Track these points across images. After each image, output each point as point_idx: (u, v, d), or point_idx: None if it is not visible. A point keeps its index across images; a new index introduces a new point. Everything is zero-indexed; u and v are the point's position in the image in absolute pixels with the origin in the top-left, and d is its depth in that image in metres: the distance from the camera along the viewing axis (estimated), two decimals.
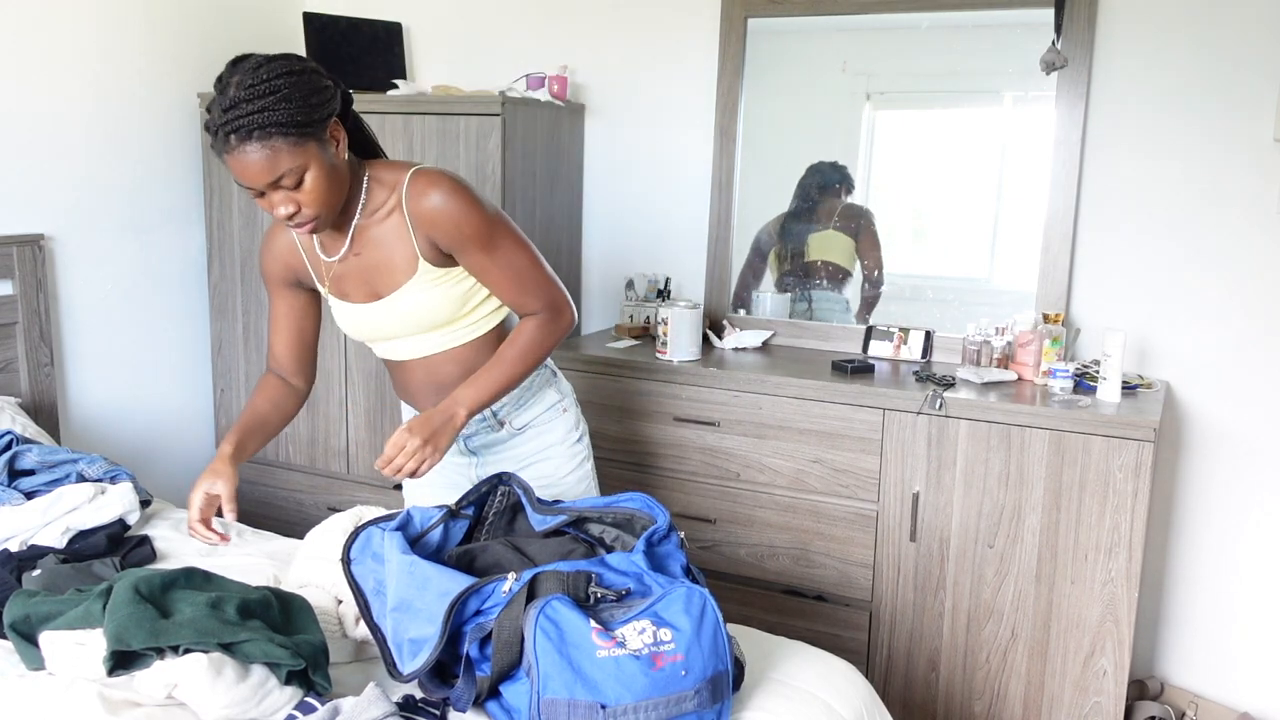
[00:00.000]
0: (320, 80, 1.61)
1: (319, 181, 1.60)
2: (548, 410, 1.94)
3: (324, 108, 1.59)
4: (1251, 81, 2.49)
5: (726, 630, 1.52)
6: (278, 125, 1.53)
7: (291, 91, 1.55)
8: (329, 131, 1.62)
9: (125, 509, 2.16)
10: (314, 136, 1.58)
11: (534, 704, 1.39)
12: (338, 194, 1.65)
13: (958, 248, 2.90)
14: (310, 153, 1.58)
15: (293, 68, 1.58)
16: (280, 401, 1.90)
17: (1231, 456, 2.63)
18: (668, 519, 1.66)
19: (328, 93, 1.61)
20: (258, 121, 1.53)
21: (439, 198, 1.69)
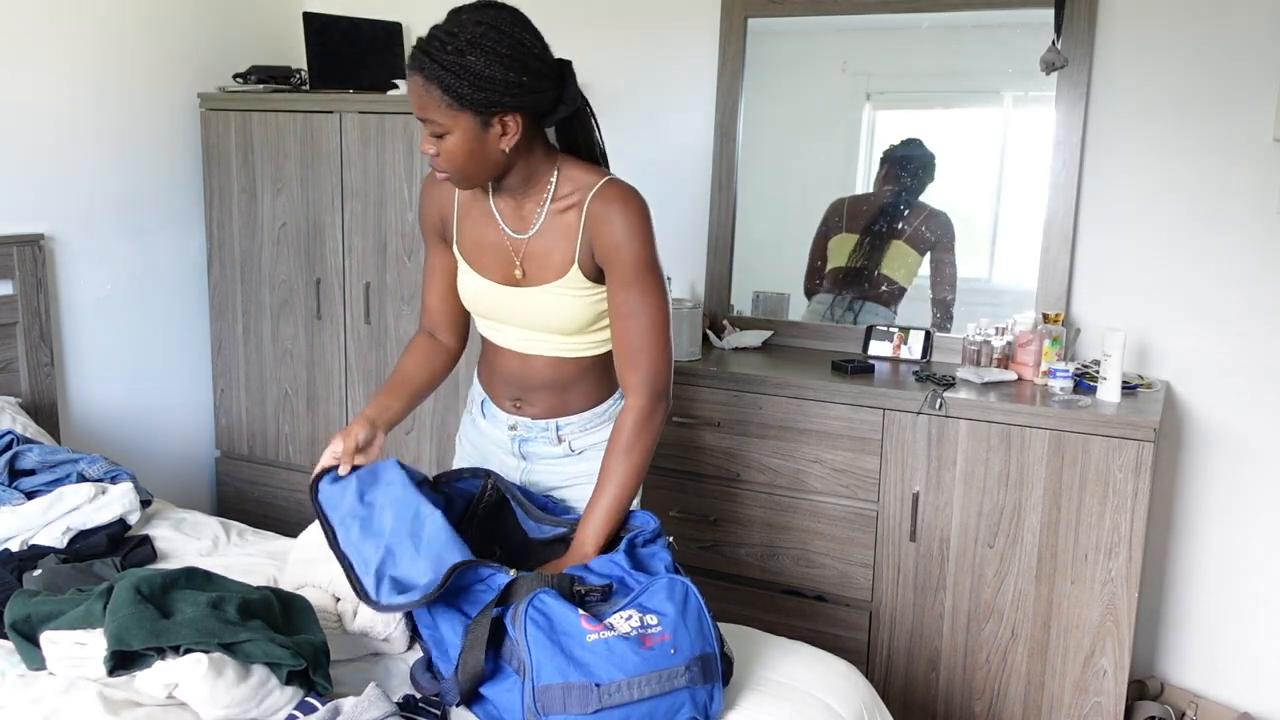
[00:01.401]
0: (514, 76, 1.58)
1: (458, 148, 1.61)
2: (602, 441, 1.84)
3: (495, 97, 1.58)
4: (1251, 81, 2.49)
5: (711, 618, 1.53)
6: (441, 82, 1.56)
7: (474, 65, 1.55)
8: (494, 118, 1.60)
9: (126, 509, 2.16)
10: (470, 110, 1.58)
11: (529, 694, 1.40)
12: (476, 168, 1.65)
13: (958, 248, 2.90)
14: (460, 122, 1.59)
15: (496, 47, 1.56)
16: (427, 360, 1.89)
17: (1231, 456, 2.63)
18: (656, 524, 1.68)
19: (511, 89, 1.58)
20: (430, 67, 1.56)
21: (621, 210, 1.67)
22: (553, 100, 1.66)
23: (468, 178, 1.67)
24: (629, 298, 1.69)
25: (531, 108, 1.63)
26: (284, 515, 3.25)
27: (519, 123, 1.62)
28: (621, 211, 1.67)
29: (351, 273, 3.04)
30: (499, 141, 1.62)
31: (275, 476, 3.29)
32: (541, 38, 1.65)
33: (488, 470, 1.80)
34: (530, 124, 1.65)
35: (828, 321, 2.98)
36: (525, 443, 1.87)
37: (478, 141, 1.61)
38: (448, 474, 1.78)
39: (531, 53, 1.61)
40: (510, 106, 1.59)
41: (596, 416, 1.85)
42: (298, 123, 3.04)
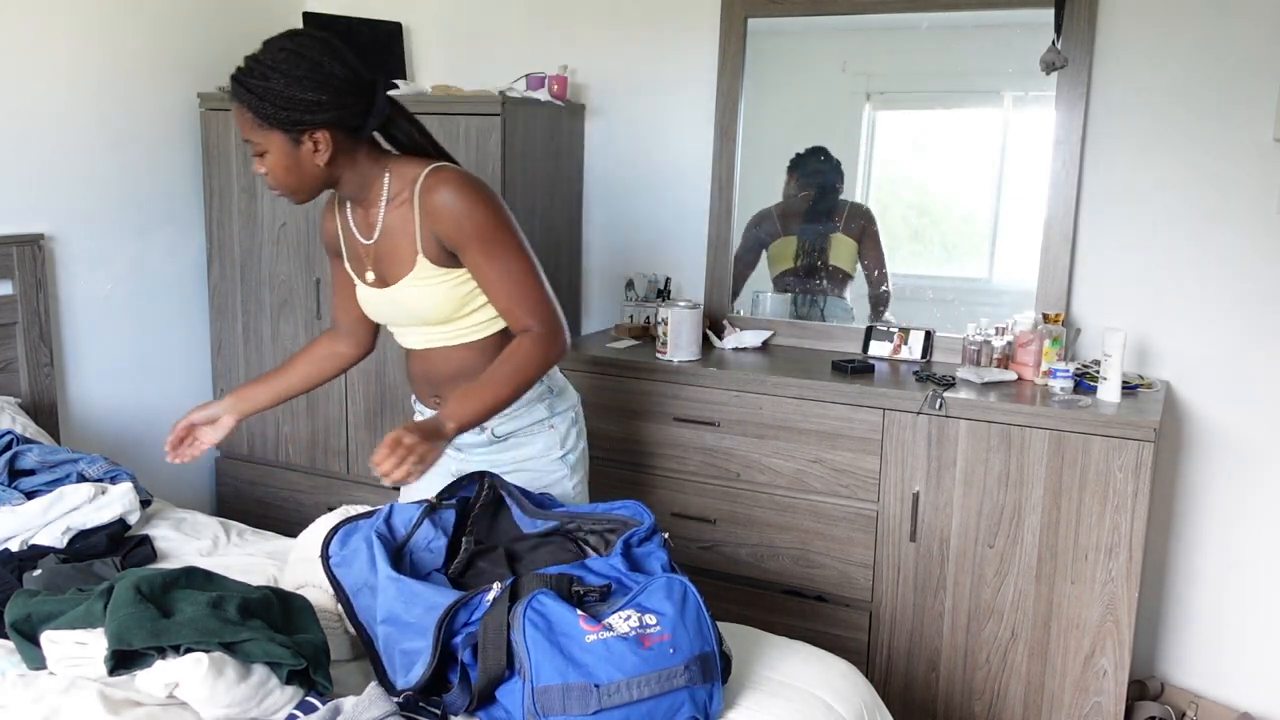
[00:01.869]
0: (314, 96, 1.70)
1: (276, 165, 1.76)
2: (533, 424, 1.95)
3: (298, 116, 1.71)
4: (1251, 81, 2.49)
5: (710, 617, 1.53)
6: (249, 105, 1.72)
7: (276, 87, 1.69)
8: (303, 135, 1.73)
9: (126, 509, 2.16)
10: (278, 129, 1.72)
11: (528, 696, 1.40)
12: (299, 183, 1.79)
13: (958, 248, 2.90)
14: (273, 141, 1.74)
15: (295, 70, 1.70)
16: (314, 361, 2.08)
17: (1231, 456, 2.63)
18: (652, 521, 1.68)
19: (313, 108, 1.71)
20: (239, 92, 1.73)
21: (447, 193, 1.77)
22: (361, 115, 1.77)
23: (295, 191, 1.81)
24: (489, 270, 1.79)
25: (337, 124, 1.75)
26: (284, 515, 3.25)
27: (328, 138, 1.74)
28: (448, 193, 1.77)
29: None
30: (313, 157, 1.75)
31: (275, 476, 3.29)
32: (347, 60, 1.75)
33: (484, 471, 1.81)
34: (343, 138, 1.77)
35: (818, 320, 2.98)
36: None
37: (292, 158, 1.75)
38: (449, 487, 1.79)
39: (332, 74, 1.72)
40: (315, 124, 1.72)
41: (519, 401, 1.90)
42: None
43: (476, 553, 1.71)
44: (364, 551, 1.67)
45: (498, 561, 1.68)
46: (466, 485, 1.81)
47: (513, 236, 1.80)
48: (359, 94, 1.76)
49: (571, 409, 2.02)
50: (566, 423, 2.00)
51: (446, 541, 1.72)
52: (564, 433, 1.99)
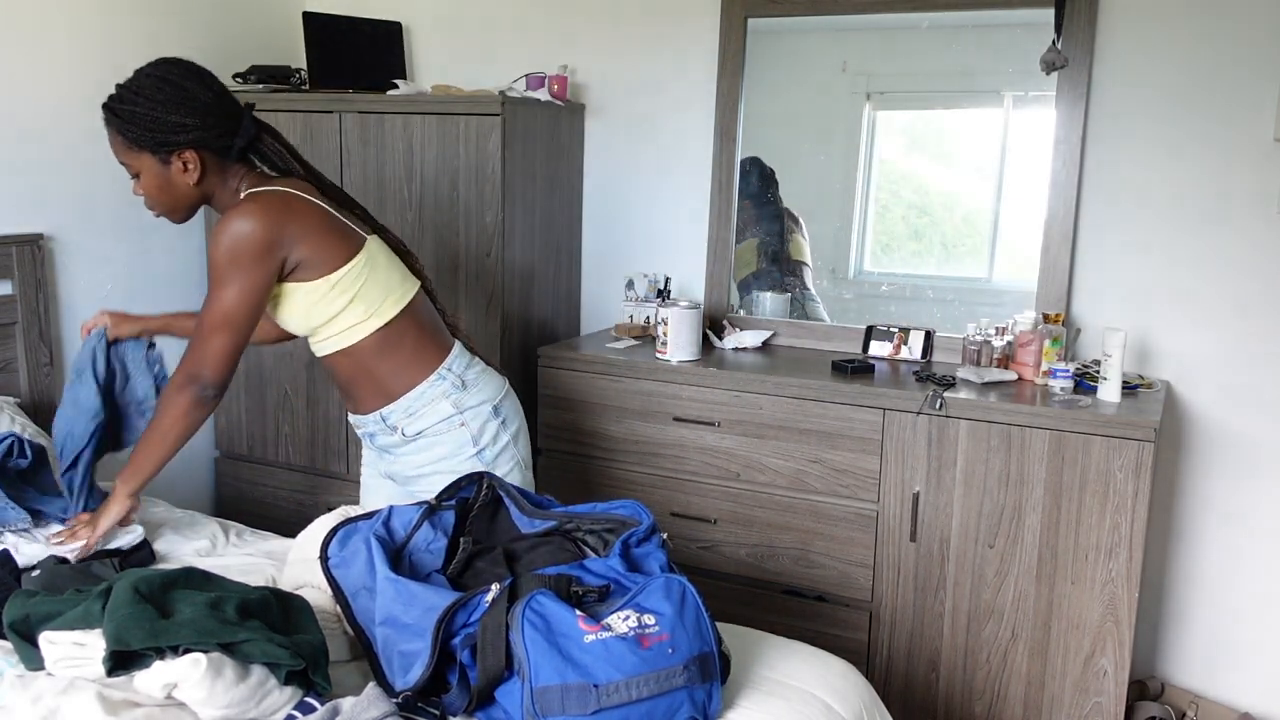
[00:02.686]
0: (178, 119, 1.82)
1: (150, 185, 1.89)
2: (441, 422, 1.97)
3: (163, 137, 1.82)
4: (1251, 81, 2.49)
5: (709, 617, 1.53)
6: (118, 128, 1.85)
7: (142, 111, 1.82)
8: (172, 155, 1.84)
9: (133, 540, 2.17)
10: (147, 150, 1.84)
11: (527, 696, 1.40)
12: (173, 201, 1.91)
13: (958, 248, 2.90)
14: (144, 162, 1.86)
15: (157, 95, 1.82)
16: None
17: (1232, 456, 2.63)
18: (650, 521, 1.68)
19: (177, 130, 1.82)
20: (109, 117, 1.87)
21: (221, 223, 1.85)
22: (227, 136, 1.88)
23: (171, 210, 1.93)
24: (210, 288, 1.87)
25: (203, 144, 1.86)
26: (283, 515, 3.25)
27: (196, 158, 1.86)
28: (221, 222, 1.85)
29: None
30: (182, 176, 1.87)
31: (275, 477, 3.28)
32: (213, 85, 1.88)
33: (483, 472, 1.81)
34: (211, 158, 1.88)
35: (817, 320, 2.98)
36: (371, 436, 2.04)
37: (163, 178, 1.87)
38: (449, 488, 1.79)
39: (197, 99, 1.84)
40: (182, 144, 1.84)
41: (416, 399, 1.96)
42: (297, 123, 3.04)
43: (475, 553, 1.71)
44: (363, 553, 1.67)
45: (496, 562, 1.68)
46: (466, 486, 1.81)
47: (231, 278, 1.83)
48: (224, 116, 1.87)
49: (487, 403, 2.01)
50: (481, 418, 2.00)
51: (447, 542, 1.72)
52: (477, 429, 1.99)
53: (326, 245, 1.88)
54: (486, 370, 2.06)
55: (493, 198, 2.82)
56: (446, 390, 1.97)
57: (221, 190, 1.93)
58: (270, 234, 1.83)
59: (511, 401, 2.09)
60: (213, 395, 1.87)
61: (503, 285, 2.88)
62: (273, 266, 1.85)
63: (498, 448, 2.01)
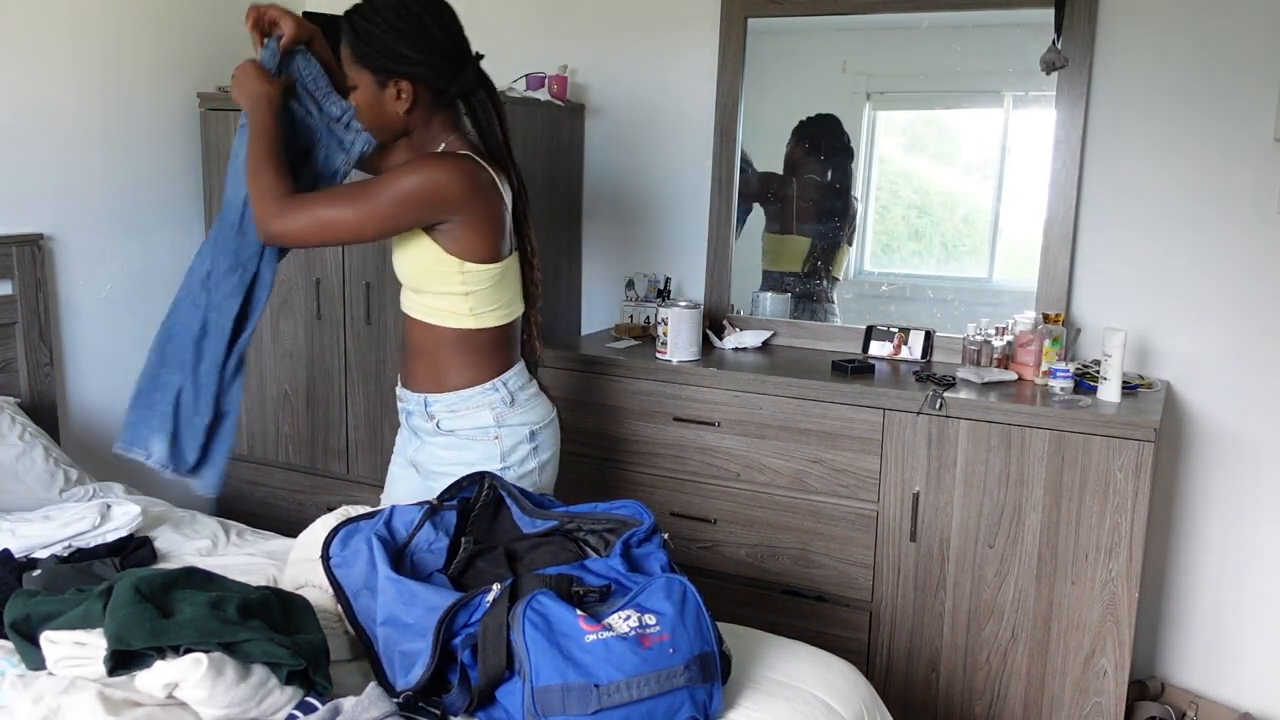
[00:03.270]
0: (406, 49, 1.83)
1: (361, 101, 1.89)
2: (476, 429, 1.95)
3: (386, 63, 1.84)
4: (1251, 81, 2.49)
5: (710, 617, 1.53)
6: (350, 40, 1.86)
7: (376, 32, 1.83)
8: (390, 82, 1.85)
9: (133, 530, 2.18)
10: (369, 69, 1.85)
11: (528, 696, 1.40)
12: (376, 122, 1.90)
13: (958, 248, 2.90)
14: (363, 78, 1.87)
15: (397, 23, 1.83)
16: None
17: (1231, 456, 2.63)
18: (651, 521, 1.68)
19: (402, 60, 1.84)
20: (346, 29, 1.87)
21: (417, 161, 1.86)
22: (446, 80, 1.89)
23: (378, 131, 1.93)
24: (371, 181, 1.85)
25: (422, 80, 1.86)
26: (284, 515, 3.25)
27: (411, 91, 1.86)
28: (422, 160, 1.86)
29: (351, 273, 3.04)
30: (394, 104, 1.87)
31: (275, 476, 3.28)
32: (449, 26, 1.89)
33: (484, 472, 1.81)
34: (426, 95, 1.88)
35: (820, 321, 2.98)
36: (409, 414, 2.03)
37: (376, 99, 1.88)
38: (450, 488, 1.79)
39: (430, 35, 1.85)
40: (401, 74, 1.85)
41: (464, 399, 1.94)
42: None
43: (476, 552, 1.71)
44: (364, 553, 1.67)
45: (497, 561, 1.68)
46: (467, 486, 1.81)
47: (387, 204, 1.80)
48: (451, 60, 1.88)
49: (527, 426, 1.98)
50: (516, 438, 1.97)
51: (448, 542, 1.72)
52: (509, 447, 1.96)
53: (485, 239, 1.89)
54: (539, 395, 2.04)
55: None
56: (494, 402, 1.95)
57: (424, 130, 1.93)
58: (453, 196, 1.83)
59: (551, 432, 2.05)
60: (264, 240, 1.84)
61: None
62: (427, 220, 1.85)
63: (522, 471, 1.98)
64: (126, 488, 2.56)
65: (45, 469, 2.46)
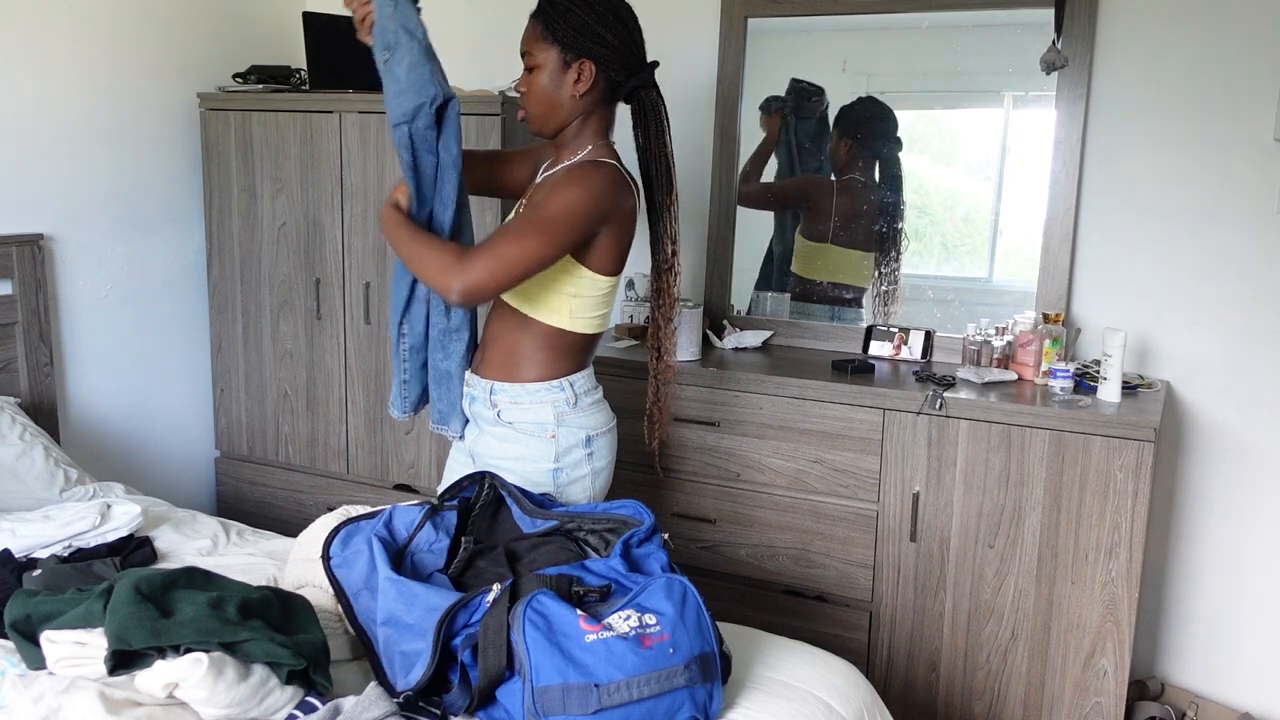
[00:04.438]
0: (601, 30, 1.86)
1: (537, 81, 1.90)
2: (534, 424, 1.94)
3: (578, 40, 1.86)
4: (1251, 81, 2.49)
5: (710, 617, 1.53)
6: (544, 16, 1.89)
7: (574, 10, 1.86)
8: (577, 61, 1.87)
9: (133, 530, 2.18)
10: (558, 45, 1.87)
11: (528, 696, 1.40)
12: (548, 106, 1.91)
13: (958, 248, 2.90)
14: (548, 55, 1.88)
15: (598, 6, 1.87)
16: None
17: (1232, 456, 2.63)
18: (652, 521, 1.68)
19: (594, 39, 1.86)
20: (544, 6, 1.89)
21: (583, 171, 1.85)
22: (626, 70, 1.90)
23: (541, 116, 1.92)
24: (522, 216, 1.84)
25: (605, 63, 1.87)
26: (284, 515, 3.25)
27: (593, 74, 1.87)
28: (577, 173, 1.85)
29: (351, 273, 3.04)
30: (574, 86, 1.88)
31: (275, 477, 3.28)
32: (638, 26, 1.92)
33: (485, 472, 1.81)
34: (602, 83, 1.89)
35: (823, 321, 2.98)
36: (473, 401, 2.00)
37: (557, 79, 1.88)
38: (450, 488, 1.80)
39: (623, 22, 1.89)
40: (589, 53, 1.86)
41: (530, 393, 1.93)
42: (297, 123, 3.04)
43: (476, 552, 1.71)
44: (365, 553, 1.67)
45: (497, 561, 1.68)
46: (467, 486, 1.81)
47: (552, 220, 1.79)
48: (633, 55, 1.91)
49: (584, 430, 1.97)
50: (572, 440, 1.95)
51: (449, 542, 1.72)
52: (564, 448, 1.95)
53: (615, 252, 1.91)
54: (602, 402, 2.04)
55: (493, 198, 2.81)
56: (557, 400, 1.94)
57: (581, 124, 1.93)
58: (610, 206, 1.85)
59: (608, 440, 2.04)
60: (459, 304, 1.83)
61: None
62: (594, 231, 1.85)
63: (575, 474, 1.96)
64: (126, 488, 2.56)
65: (45, 469, 2.46)
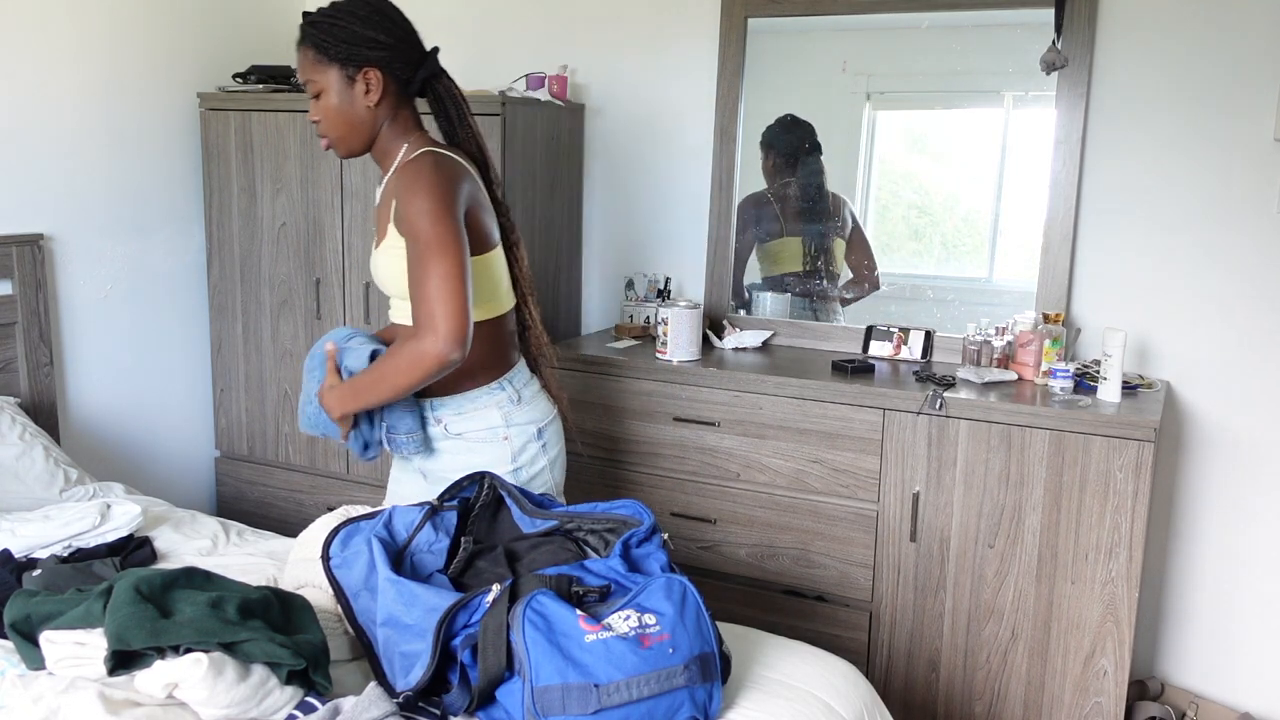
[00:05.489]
0: (373, 34, 1.84)
1: (329, 105, 1.88)
2: (485, 430, 1.94)
3: (353, 51, 1.84)
4: (1251, 81, 2.49)
5: (710, 617, 1.53)
6: (312, 41, 1.86)
7: (338, 23, 1.84)
8: (358, 73, 1.85)
9: (133, 530, 2.18)
10: (336, 64, 1.85)
11: (528, 696, 1.40)
12: (346, 126, 1.89)
13: (958, 248, 2.90)
14: (329, 77, 1.86)
15: (358, 11, 1.85)
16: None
17: (1232, 456, 2.63)
18: (651, 521, 1.68)
19: (369, 44, 1.84)
20: (307, 30, 1.88)
21: (408, 175, 1.82)
22: (412, 66, 1.89)
23: (343, 138, 1.90)
24: (410, 258, 1.79)
25: (388, 65, 1.86)
26: (284, 515, 3.25)
27: (379, 80, 1.85)
28: (408, 176, 1.81)
29: (351, 273, 3.04)
30: (364, 98, 1.86)
31: (275, 477, 3.28)
32: (406, 20, 1.90)
33: (484, 472, 1.81)
34: (393, 86, 1.87)
35: (823, 321, 2.99)
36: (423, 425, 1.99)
37: (345, 97, 1.86)
38: (450, 488, 1.79)
39: (392, 20, 1.87)
40: (371, 60, 1.84)
41: (472, 400, 1.93)
42: (297, 123, 3.04)
43: (476, 552, 1.71)
44: (365, 554, 1.67)
45: (497, 561, 1.68)
46: (467, 486, 1.81)
47: (442, 235, 1.75)
48: (414, 47, 1.89)
49: (534, 424, 1.97)
50: (525, 437, 1.96)
51: (449, 543, 1.72)
52: (519, 447, 1.95)
53: (477, 228, 1.87)
54: (541, 392, 2.03)
55: None
56: (501, 401, 1.94)
57: (389, 129, 1.90)
58: (456, 186, 1.81)
59: (556, 428, 2.04)
60: (458, 359, 1.76)
61: None
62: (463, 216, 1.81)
63: (534, 470, 1.97)
64: (126, 488, 2.56)
65: (45, 469, 2.46)
